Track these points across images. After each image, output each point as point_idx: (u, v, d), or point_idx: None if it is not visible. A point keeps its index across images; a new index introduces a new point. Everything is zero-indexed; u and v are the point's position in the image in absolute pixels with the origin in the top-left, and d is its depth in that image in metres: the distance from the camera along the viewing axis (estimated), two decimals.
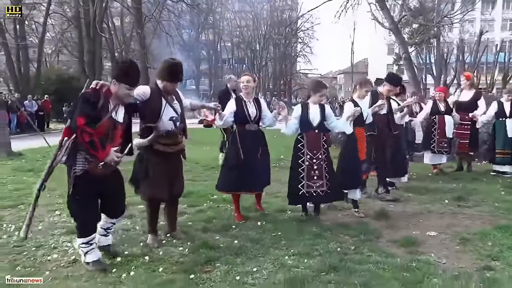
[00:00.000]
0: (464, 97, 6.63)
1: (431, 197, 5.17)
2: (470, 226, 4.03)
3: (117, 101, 2.87)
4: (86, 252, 2.96)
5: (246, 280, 2.79)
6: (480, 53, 21.81)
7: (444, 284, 2.72)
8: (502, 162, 6.37)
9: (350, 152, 4.38)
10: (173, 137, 3.36)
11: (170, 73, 3.33)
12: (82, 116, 2.66)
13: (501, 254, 3.27)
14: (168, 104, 3.35)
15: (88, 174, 2.79)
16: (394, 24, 11.55)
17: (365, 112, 4.46)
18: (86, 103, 2.70)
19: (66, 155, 2.76)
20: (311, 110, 4.13)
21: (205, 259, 3.13)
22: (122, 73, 2.86)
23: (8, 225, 4.00)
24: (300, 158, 4.07)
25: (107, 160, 2.77)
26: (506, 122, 6.27)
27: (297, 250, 3.33)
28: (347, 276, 2.84)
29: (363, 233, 3.77)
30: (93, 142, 2.68)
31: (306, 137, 4.10)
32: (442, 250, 3.42)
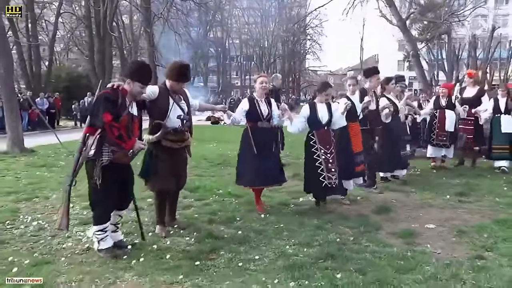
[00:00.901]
0: (468, 94, 6.76)
1: (433, 192, 5.31)
2: (469, 220, 4.17)
3: (131, 98, 3.18)
4: (101, 239, 3.20)
5: (248, 267, 3.00)
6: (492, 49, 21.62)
7: (436, 271, 2.88)
8: (499, 157, 6.48)
9: (343, 145, 4.62)
10: (180, 134, 3.64)
11: (177, 73, 3.61)
12: (107, 113, 2.97)
13: (495, 246, 3.41)
14: (175, 103, 3.63)
15: (112, 164, 3.09)
16: (401, 21, 11.61)
17: (358, 108, 4.80)
18: (108, 102, 3.02)
19: (94, 149, 3.04)
20: (319, 109, 4.44)
21: (210, 248, 3.35)
22: (136, 72, 3.18)
23: (25, 216, 4.28)
24: (315, 153, 4.37)
25: (134, 148, 3.11)
26: (500, 118, 6.39)
27: (298, 240, 3.52)
28: (344, 263, 3.02)
29: (363, 225, 3.96)
30: (122, 135, 3.02)
31: (317, 135, 4.41)
32: (439, 242, 3.58)
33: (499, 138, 6.41)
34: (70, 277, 2.84)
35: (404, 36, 12.16)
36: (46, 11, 22.49)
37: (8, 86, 9.10)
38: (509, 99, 6.40)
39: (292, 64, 38.50)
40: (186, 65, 3.76)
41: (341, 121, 4.58)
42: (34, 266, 3.02)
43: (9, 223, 4.09)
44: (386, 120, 5.48)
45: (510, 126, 6.37)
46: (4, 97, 9.29)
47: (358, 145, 4.80)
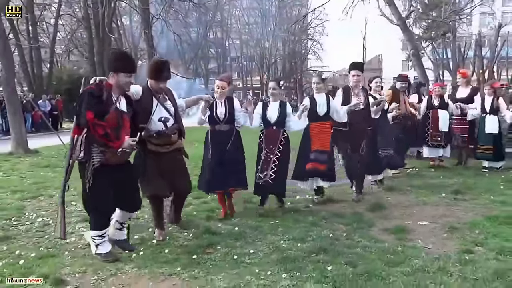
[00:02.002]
0: (461, 94, 6.87)
1: (429, 190, 5.46)
2: (462, 217, 4.32)
3: (118, 92, 3.05)
4: (98, 244, 3.14)
5: (243, 260, 3.18)
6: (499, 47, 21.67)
7: (424, 264, 3.05)
8: (482, 157, 6.62)
9: (303, 144, 4.64)
10: (165, 138, 3.46)
11: (154, 70, 3.43)
12: (89, 110, 2.82)
13: (485, 241, 3.56)
14: (159, 104, 3.46)
15: (104, 166, 2.94)
16: (401, 20, 11.75)
17: (321, 107, 4.58)
18: (91, 98, 2.87)
19: (82, 151, 2.89)
20: (270, 108, 4.41)
21: (207, 242, 3.53)
22: (117, 62, 3.03)
23: (30, 213, 4.50)
24: (261, 152, 4.41)
25: (124, 147, 2.97)
26: (485, 118, 6.49)
27: (292, 235, 3.70)
28: (335, 257, 3.19)
29: (356, 222, 4.13)
30: (107, 133, 2.88)
31: (265, 133, 4.42)
32: (430, 237, 3.73)
33: (483, 138, 6.52)
34: (73, 269, 3.03)
35: (404, 35, 12.28)
36: (46, 13, 22.82)
37: (10, 87, 9.36)
38: (495, 98, 6.47)
39: (293, 64, 38.68)
40: (163, 61, 3.54)
41: (296, 124, 4.49)
42: (40, 259, 3.22)
43: (15, 219, 4.31)
44: (375, 115, 5.35)
45: (494, 127, 6.44)
46: (7, 98, 9.54)
47: (318, 143, 4.54)
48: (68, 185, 3.07)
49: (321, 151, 4.53)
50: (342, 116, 4.71)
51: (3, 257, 3.30)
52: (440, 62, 26.67)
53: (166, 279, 2.88)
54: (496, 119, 6.47)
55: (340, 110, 4.71)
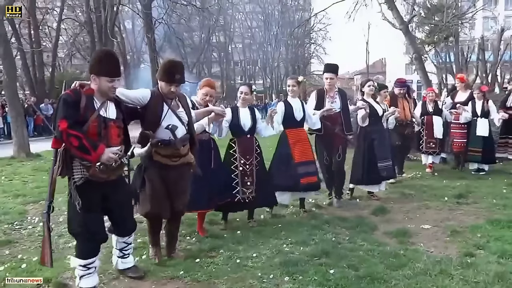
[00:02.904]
0: (460, 98, 6.90)
1: (432, 194, 5.49)
2: (464, 221, 4.36)
3: (103, 97, 2.65)
4: (82, 276, 2.69)
5: (246, 263, 3.21)
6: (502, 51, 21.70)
7: (426, 267, 3.07)
8: (471, 159, 6.69)
9: (280, 153, 4.41)
10: (172, 149, 3.04)
11: (165, 72, 3.06)
12: (63, 118, 2.45)
13: (487, 244, 3.59)
14: (171, 111, 3.08)
15: (89, 183, 2.55)
16: (404, 24, 11.82)
17: (297, 112, 4.42)
18: (65, 105, 2.49)
19: (60, 166, 2.51)
20: (242, 114, 4.02)
21: (210, 246, 3.57)
22: (99, 64, 2.62)
23: (32, 217, 4.56)
24: (233, 164, 3.99)
25: (103, 160, 2.52)
26: (476, 121, 6.54)
27: (295, 239, 3.73)
28: (338, 260, 3.23)
29: (359, 225, 4.16)
30: (83, 145, 2.45)
31: (239, 142, 4.02)
32: (432, 241, 3.77)
33: (473, 140, 6.57)
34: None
35: (406, 39, 12.35)
36: (48, 17, 23.05)
37: (12, 91, 9.47)
38: (485, 102, 6.52)
39: (297, 68, 38.85)
40: (176, 62, 3.17)
41: (266, 130, 4.20)
42: None
43: (17, 223, 4.37)
44: (362, 123, 5.10)
45: (485, 130, 6.50)
46: (9, 102, 9.64)
47: (301, 154, 4.38)
48: (52, 206, 2.62)
49: (307, 162, 4.39)
50: (315, 122, 4.58)
51: (5, 261, 3.35)
52: (443, 66, 26.77)
53: (169, 283, 2.92)
54: (486, 122, 6.53)
55: (312, 116, 4.57)
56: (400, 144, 6.28)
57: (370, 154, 5.10)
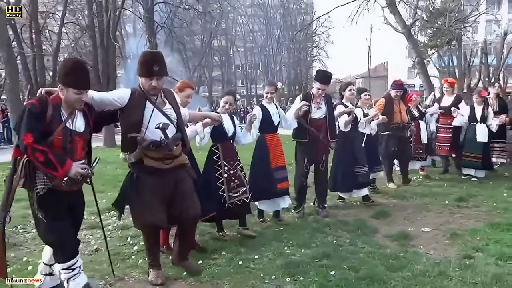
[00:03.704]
0: (446, 102, 6.94)
1: (432, 198, 5.58)
2: (464, 224, 4.44)
3: (70, 108, 2.53)
4: (69, 278, 2.63)
5: (248, 265, 3.30)
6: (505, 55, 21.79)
7: (425, 269, 3.16)
8: (469, 165, 6.68)
9: (259, 160, 4.38)
10: (165, 150, 2.85)
11: (143, 65, 2.85)
12: (28, 132, 2.35)
13: (486, 247, 3.67)
14: (156, 109, 2.87)
15: (53, 193, 2.48)
16: (406, 28, 11.97)
17: (275, 116, 4.44)
18: (31, 117, 2.38)
19: (23, 177, 2.44)
20: (225, 121, 3.91)
21: (212, 248, 3.67)
22: (66, 75, 2.48)
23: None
24: (217, 171, 3.86)
25: (71, 175, 2.44)
26: (476, 127, 6.55)
27: (296, 242, 3.83)
28: (338, 262, 3.31)
29: (360, 229, 4.25)
30: (49, 160, 2.37)
31: (222, 148, 3.92)
32: (432, 244, 3.85)
33: (472, 146, 6.55)
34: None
35: (408, 42, 12.49)
36: (49, 20, 23.27)
37: (15, 96, 9.63)
38: (485, 107, 6.57)
39: (299, 72, 39.08)
40: (153, 52, 3.04)
41: (244, 137, 4.20)
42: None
43: (21, 227, 4.47)
44: (345, 128, 5.07)
45: (485, 136, 6.52)
46: (11, 106, 9.79)
47: (276, 159, 4.39)
48: (9, 216, 2.54)
49: (281, 167, 4.43)
50: (291, 122, 4.60)
51: (11, 264, 3.43)
52: (446, 70, 26.88)
53: (173, 284, 3.01)
54: (486, 127, 6.55)
55: (287, 117, 4.59)
56: (396, 150, 6.22)
57: (348, 159, 5.12)
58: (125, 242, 3.90)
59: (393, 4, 11.97)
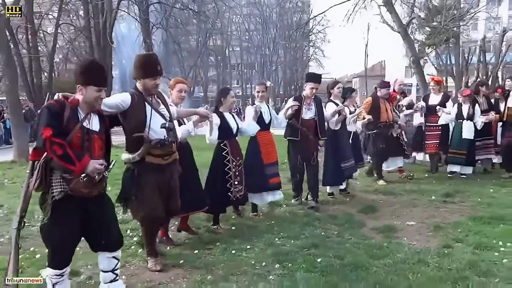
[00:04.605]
0: (433, 101, 7.19)
1: (420, 194, 5.86)
2: (448, 217, 4.73)
3: (88, 108, 2.63)
4: (56, 283, 2.68)
5: (240, 254, 3.59)
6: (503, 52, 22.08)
7: (405, 257, 3.45)
8: (454, 161, 6.96)
9: (252, 156, 4.68)
10: (168, 147, 3.13)
11: (147, 66, 3.10)
12: (47, 126, 2.39)
13: (465, 238, 3.97)
14: (154, 110, 3.12)
15: (69, 198, 2.50)
16: (402, 27, 12.26)
17: (266, 115, 4.75)
18: (49, 114, 2.45)
19: (38, 179, 2.46)
20: (228, 118, 4.30)
21: (208, 240, 3.96)
22: (85, 74, 2.60)
23: (39, 216, 4.87)
24: (226, 165, 4.23)
25: (88, 171, 2.48)
26: (462, 124, 6.82)
27: (287, 234, 4.10)
28: (325, 251, 3.60)
29: (348, 222, 4.53)
30: (67, 154, 2.41)
31: (230, 144, 4.27)
32: (416, 235, 4.14)
33: (458, 143, 6.83)
34: (86, 262, 3.43)
35: (404, 42, 12.77)
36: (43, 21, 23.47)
37: (14, 98, 9.85)
38: (471, 105, 6.81)
39: (295, 71, 39.42)
40: (153, 54, 3.37)
41: (253, 127, 4.57)
42: None
43: (26, 221, 4.72)
44: (335, 127, 5.39)
45: (471, 133, 6.78)
46: (10, 107, 10.03)
47: (268, 156, 4.74)
48: (24, 221, 2.62)
49: (273, 163, 4.81)
50: (281, 121, 4.97)
51: (20, 253, 3.69)
52: (444, 68, 27.16)
53: (170, 270, 3.29)
54: (472, 125, 6.81)
55: (277, 116, 4.96)
56: (384, 147, 6.46)
57: (336, 155, 5.44)
58: (125, 234, 4.13)
59: (390, 3, 12.26)
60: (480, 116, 6.82)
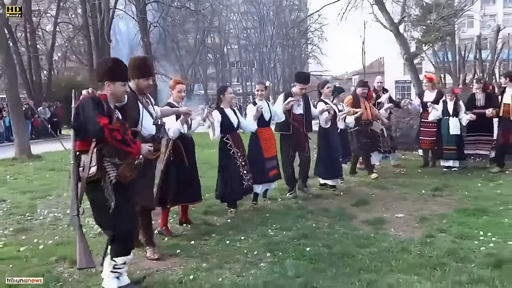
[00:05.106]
0: (428, 97, 7.42)
1: (411, 188, 6.05)
2: (435, 210, 4.92)
3: (114, 102, 2.88)
4: (121, 274, 2.86)
5: (234, 244, 3.79)
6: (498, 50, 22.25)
7: (390, 246, 3.65)
8: (446, 157, 7.24)
9: (253, 150, 5.05)
10: (157, 143, 3.26)
11: (143, 67, 3.42)
12: (102, 115, 2.59)
13: (449, 228, 4.16)
14: (145, 109, 3.40)
15: (118, 183, 2.71)
16: (394, 25, 12.45)
17: (266, 113, 5.09)
18: (96, 105, 2.65)
19: (94, 166, 2.65)
20: (229, 113, 4.72)
21: (204, 231, 4.16)
22: (113, 71, 2.84)
23: (42, 210, 5.12)
24: (233, 157, 4.69)
25: (143, 153, 2.79)
26: (449, 120, 7.07)
27: (280, 226, 4.31)
28: (315, 241, 3.80)
29: (339, 215, 4.73)
30: (125, 139, 2.66)
31: (232, 138, 4.72)
32: (403, 227, 4.33)
33: (447, 139, 7.10)
34: None
35: (397, 40, 12.98)
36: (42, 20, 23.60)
37: (13, 95, 10.05)
38: (457, 102, 7.05)
39: (293, 69, 39.59)
40: (146, 56, 3.82)
41: (252, 125, 4.95)
42: (57, 245, 3.85)
43: (29, 215, 4.95)
44: (325, 125, 5.72)
45: (457, 129, 7.06)
46: (10, 105, 10.22)
47: (269, 150, 5.11)
48: (83, 208, 2.78)
49: (273, 157, 5.20)
50: (280, 115, 5.34)
51: (24, 244, 3.92)
52: (441, 65, 27.32)
53: (168, 259, 3.49)
54: (458, 121, 7.05)
55: (277, 112, 5.33)
56: (369, 142, 6.74)
57: (330, 151, 5.79)
58: None
59: (381, 2, 12.43)
60: (465, 112, 7.04)
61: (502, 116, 7.05)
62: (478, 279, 2.91)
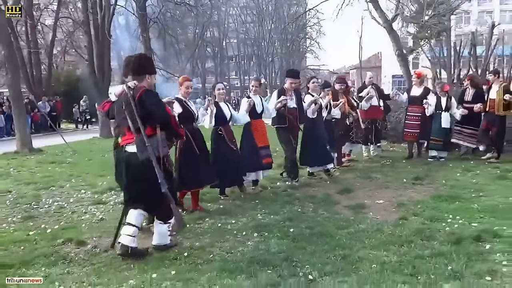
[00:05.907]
0: (415, 92, 7.87)
1: (394, 177, 6.42)
2: (413, 197, 5.28)
3: None
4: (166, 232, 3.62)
5: (225, 227, 4.16)
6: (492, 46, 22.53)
7: (366, 227, 4.02)
8: (433, 147, 7.67)
9: (247, 140, 5.52)
10: None
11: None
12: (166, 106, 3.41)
13: (422, 212, 4.52)
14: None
15: None
16: (387, 22, 12.74)
17: (258, 106, 5.58)
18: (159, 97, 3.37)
19: (166, 146, 3.44)
20: (222, 107, 5.19)
21: (198, 217, 4.52)
22: (149, 65, 3.48)
23: (46, 199, 5.48)
24: (225, 146, 5.13)
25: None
26: (441, 114, 7.49)
27: (268, 211, 4.68)
28: (299, 223, 4.17)
29: (324, 201, 5.10)
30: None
31: (225, 130, 5.15)
32: (381, 211, 4.70)
33: (437, 131, 7.54)
34: (91, 234, 4.01)
35: (390, 37, 13.28)
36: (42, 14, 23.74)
37: (15, 90, 10.35)
38: (449, 98, 7.49)
39: (292, 63, 39.80)
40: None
41: (245, 117, 5.39)
42: (63, 229, 4.20)
43: (34, 204, 5.29)
44: (312, 115, 6.20)
45: (448, 123, 7.52)
46: (12, 99, 10.53)
47: (261, 140, 5.58)
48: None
49: (265, 146, 5.67)
50: (271, 111, 5.77)
51: (32, 229, 4.28)
52: (437, 61, 27.58)
53: None
54: (449, 115, 7.50)
55: (269, 108, 5.74)
56: (342, 134, 7.14)
57: (318, 140, 6.24)
58: None
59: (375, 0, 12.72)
60: (457, 107, 7.45)
61: (488, 111, 7.44)
62: (438, 253, 3.28)
